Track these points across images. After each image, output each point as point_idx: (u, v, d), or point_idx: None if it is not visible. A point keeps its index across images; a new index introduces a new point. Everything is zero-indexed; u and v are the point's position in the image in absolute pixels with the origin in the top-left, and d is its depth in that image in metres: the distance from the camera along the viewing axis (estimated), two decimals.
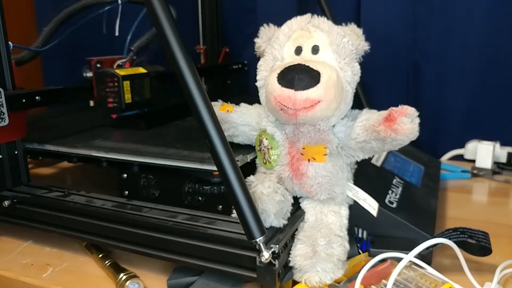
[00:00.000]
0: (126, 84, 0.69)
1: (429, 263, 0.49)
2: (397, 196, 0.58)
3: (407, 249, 0.46)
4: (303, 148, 0.48)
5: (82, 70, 0.77)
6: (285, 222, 0.46)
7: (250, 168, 0.54)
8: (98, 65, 0.76)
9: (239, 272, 0.44)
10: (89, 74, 0.76)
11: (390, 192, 0.58)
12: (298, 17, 0.50)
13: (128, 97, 0.69)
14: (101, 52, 0.85)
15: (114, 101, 0.69)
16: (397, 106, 0.45)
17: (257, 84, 0.50)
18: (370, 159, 0.62)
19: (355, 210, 0.51)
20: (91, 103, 0.81)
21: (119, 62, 0.78)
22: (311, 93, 0.43)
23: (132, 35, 0.81)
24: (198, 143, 0.58)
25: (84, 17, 0.77)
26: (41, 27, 0.78)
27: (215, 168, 0.51)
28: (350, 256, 0.49)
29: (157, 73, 0.74)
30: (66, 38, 0.75)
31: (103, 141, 0.63)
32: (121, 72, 0.68)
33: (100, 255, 0.53)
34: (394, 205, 0.55)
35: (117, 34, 0.78)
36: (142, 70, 0.72)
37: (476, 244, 0.48)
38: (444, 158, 0.92)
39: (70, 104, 0.91)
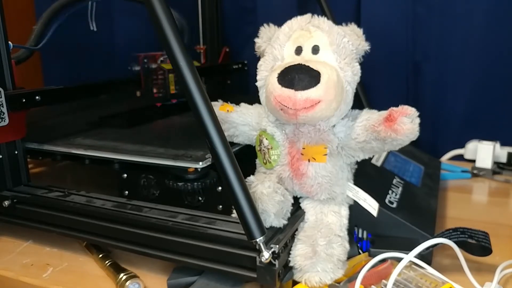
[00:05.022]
0: (171, 76, 0.79)
1: (429, 263, 0.49)
2: (397, 196, 0.58)
3: (407, 249, 0.46)
4: (303, 148, 0.48)
5: (129, 64, 0.84)
6: (285, 222, 0.46)
7: (250, 168, 0.54)
8: (145, 60, 0.83)
9: (239, 272, 0.44)
10: (137, 68, 0.83)
11: (390, 192, 0.58)
12: (299, 17, 0.50)
13: (172, 88, 0.80)
14: (101, 51, 0.85)
15: (159, 92, 0.79)
16: (397, 106, 0.45)
17: (257, 84, 0.50)
18: (370, 159, 0.62)
19: (355, 210, 0.52)
20: (138, 93, 0.87)
21: (162, 58, 0.83)
22: (311, 93, 0.43)
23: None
24: (176, 141, 0.63)
25: (77, 12, 0.78)
26: None
27: (188, 165, 0.53)
28: (350, 256, 0.49)
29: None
30: (65, 38, 0.75)
31: (84, 139, 0.65)
32: (166, 66, 0.78)
33: (100, 255, 0.53)
34: (394, 205, 0.55)
35: (93, 28, 0.81)
36: None
37: (476, 244, 0.48)
38: (444, 158, 0.92)
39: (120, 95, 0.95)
